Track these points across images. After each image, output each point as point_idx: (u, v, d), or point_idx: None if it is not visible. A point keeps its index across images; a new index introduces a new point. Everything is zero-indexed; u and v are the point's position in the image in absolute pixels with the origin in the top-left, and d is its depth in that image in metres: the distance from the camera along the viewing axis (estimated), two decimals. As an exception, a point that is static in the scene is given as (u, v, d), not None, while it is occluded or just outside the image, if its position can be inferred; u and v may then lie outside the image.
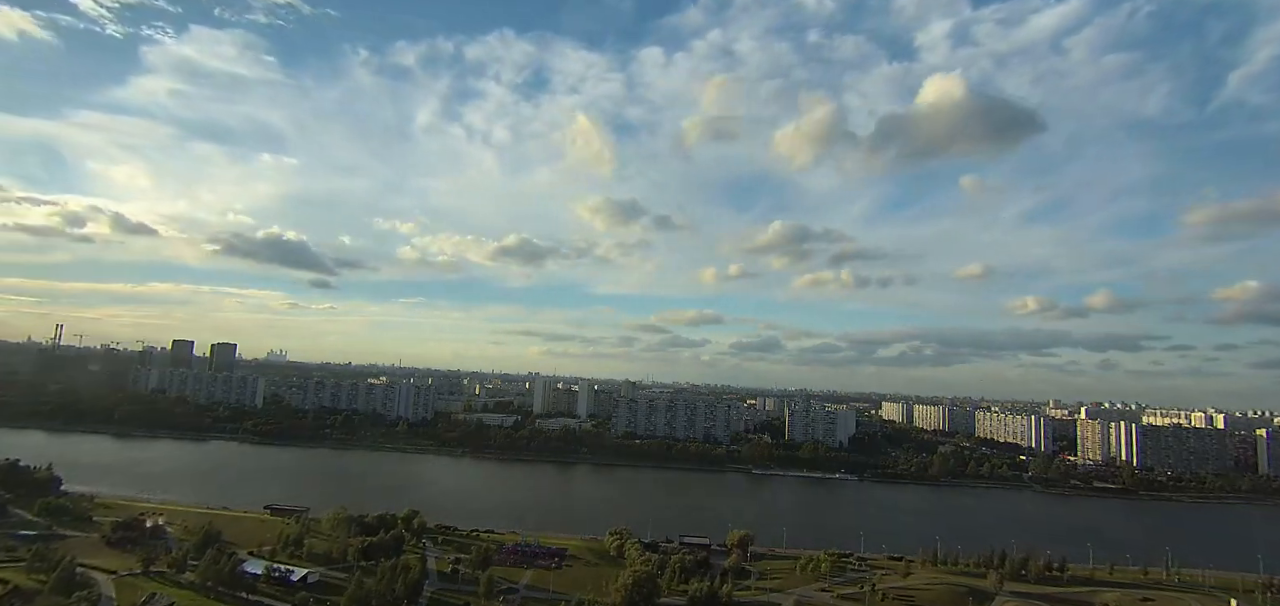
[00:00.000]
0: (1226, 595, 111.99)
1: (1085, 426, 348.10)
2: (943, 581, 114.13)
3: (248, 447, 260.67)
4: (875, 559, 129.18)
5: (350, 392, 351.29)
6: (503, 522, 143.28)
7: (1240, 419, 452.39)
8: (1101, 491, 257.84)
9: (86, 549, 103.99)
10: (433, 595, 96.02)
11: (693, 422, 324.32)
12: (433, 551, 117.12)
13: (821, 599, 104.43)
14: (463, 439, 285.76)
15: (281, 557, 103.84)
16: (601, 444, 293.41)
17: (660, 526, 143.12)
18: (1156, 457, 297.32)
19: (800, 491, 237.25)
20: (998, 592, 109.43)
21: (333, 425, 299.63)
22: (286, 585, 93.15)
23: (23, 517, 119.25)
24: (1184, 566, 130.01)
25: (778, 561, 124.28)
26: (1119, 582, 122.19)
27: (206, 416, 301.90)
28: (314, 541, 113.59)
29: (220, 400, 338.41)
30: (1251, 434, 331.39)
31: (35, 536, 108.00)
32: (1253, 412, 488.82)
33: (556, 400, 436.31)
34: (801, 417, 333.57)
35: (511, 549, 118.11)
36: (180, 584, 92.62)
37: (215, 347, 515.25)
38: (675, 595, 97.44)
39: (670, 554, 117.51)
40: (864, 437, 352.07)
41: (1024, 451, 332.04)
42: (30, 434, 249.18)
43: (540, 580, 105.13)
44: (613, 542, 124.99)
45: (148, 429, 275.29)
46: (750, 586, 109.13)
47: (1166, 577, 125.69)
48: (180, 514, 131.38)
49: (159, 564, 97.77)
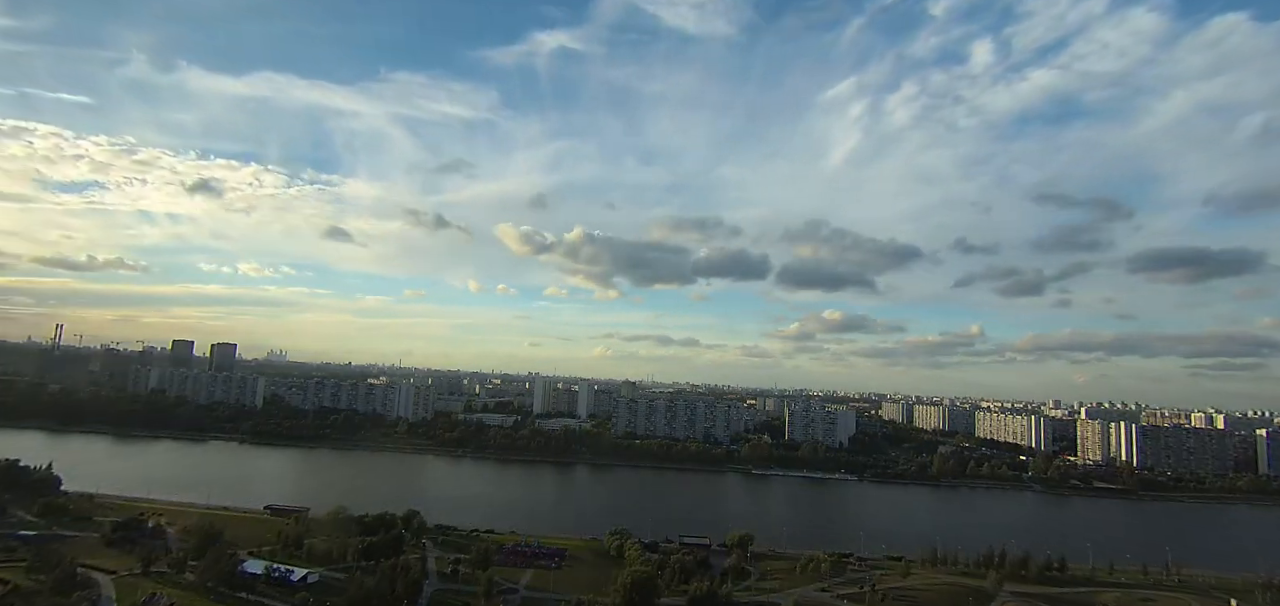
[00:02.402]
0: (1226, 595, 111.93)
1: (1085, 426, 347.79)
2: (942, 581, 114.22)
3: (248, 448, 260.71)
4: (875, 559, 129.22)
5: (350, 392, 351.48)
6: (503, 522, 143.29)
7: (1240, 419, 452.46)
8: (1101, 491, 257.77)
9: (86, 549, 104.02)
10: (433, 595, 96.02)
11: (692, 422, 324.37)
12: (433, 551, 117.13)
13: (821, 599, 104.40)
14: (463, 439, 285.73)
15: (281, 557, 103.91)
16: (601, 444, 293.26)
17: (660, 526, 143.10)
18: (1156, 457, 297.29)
19: (800, 491, 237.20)
20: (997, 592, 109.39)
21: (333, 425, 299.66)
22: (286, 585, 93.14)
23: (23, 517, 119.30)
24: (1184, 566, 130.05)
25: (778, 561, 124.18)
26: (1119, 582, 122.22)
27: (206, 416, 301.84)
28: (314, 541, 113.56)
29: (220, 400, 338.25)
30: (1251, 434, 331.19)
31: (35, 536, 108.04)
32: (1253, 412, 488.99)
33: (556, 400, 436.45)
34: (801, 417, 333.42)
35: (511, 549, 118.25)
36: (180, 584, 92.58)
37: (215, 347, 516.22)
38: (675, 595, 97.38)
39: (670, 554, 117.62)
40: (864, 437, 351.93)
41: (1024, 451, 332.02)
42: (30, 434, 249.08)
43: (540, 580, 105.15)
44: (612, 543, 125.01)
45: (148, 429, 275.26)
46: (750, 586, 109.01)
47: (1166, 577, 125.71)
48: (180, 514, 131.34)
49: (159, 564, 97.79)
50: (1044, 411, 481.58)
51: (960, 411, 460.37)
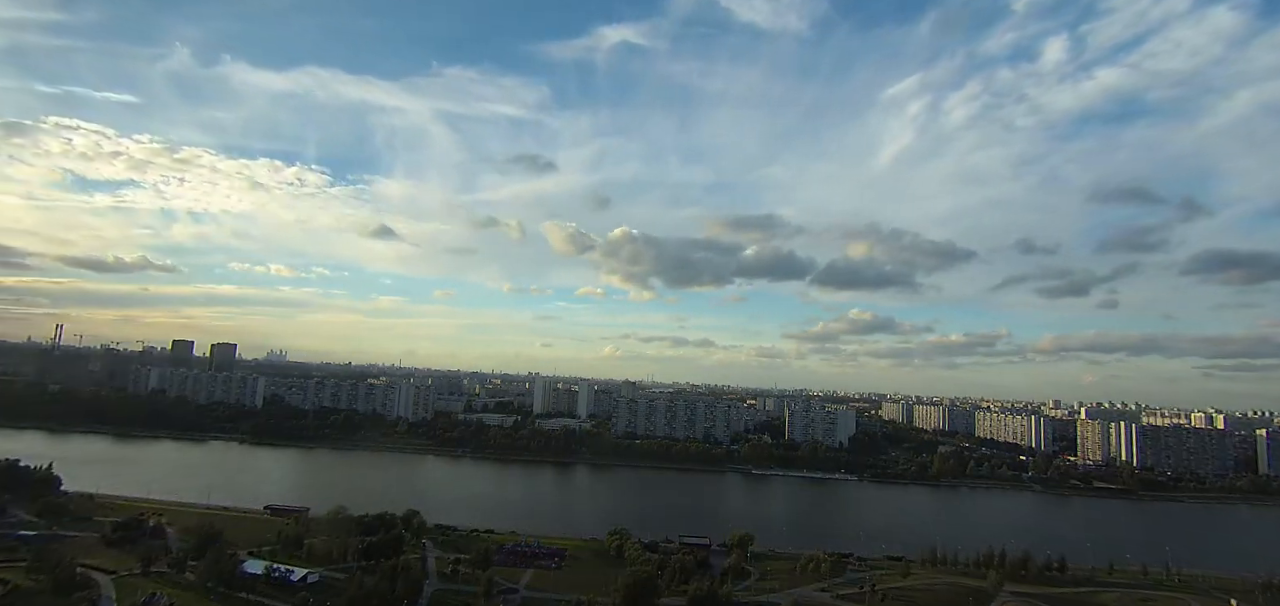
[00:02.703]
0: (1226, 595, 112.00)
1: (1085, 426, 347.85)
2: (942, 581, 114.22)
3: (247, 448, 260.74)
4: (875, 559, 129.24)
5: (350, 392, 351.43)
6: (503, 523, 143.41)
7: (1240, 419, 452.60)
8: (1101, 491, 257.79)
9: (86, 549, 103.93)
10: (433, 595, 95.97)
11: (692, 423, 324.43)
12: (432, 551, 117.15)
13: (821, 599, 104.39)
14: (462, 439, 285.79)
15: (281, 557, 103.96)
16: (601, 444, 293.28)
17: (660, 526, 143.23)
18: (1156, 457, 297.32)
19: (800, 491, 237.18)
20: (997, 593, 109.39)
21: (332, 425, 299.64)
22: (286, 585, 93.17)
23: (23, 517, 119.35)
24: (1184, 566, 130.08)
25: (778, 561, 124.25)
26: (1119, 582, 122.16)
27: (206, 416, 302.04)
28: (314, 541, 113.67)
29: (220, 400, 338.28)
30: (1251, 434, 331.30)
31: (35, 536, 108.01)
32: (1253, 412, 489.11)
33: (556, 400, 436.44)
34: (801, 418, 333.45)
35: (511, 549, 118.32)
36: (180, 584, 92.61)
37: (215, 347, 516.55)
38: (675, 595, 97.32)
39: (670, 554, 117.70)
40: (864, 437, 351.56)
41: (1024, 451, 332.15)
42: (30, 434, 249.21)
43: (540, 580, 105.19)
44: (612, 543, 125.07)
45: (148, 429, 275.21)
46: (750, 586, 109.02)
47: (1166, 577, 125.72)
48: (180, 514, 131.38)
49: (159, 564, 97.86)
50: (1044, 411, 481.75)
51: (960, 411, 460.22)
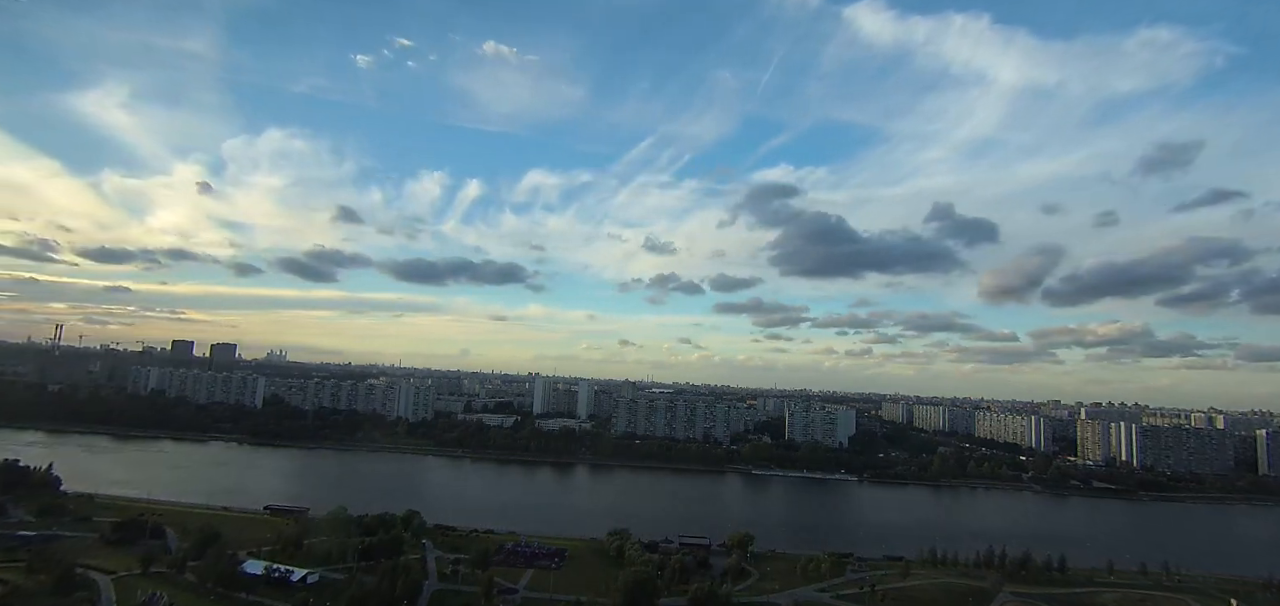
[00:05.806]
0: (1226, 595, 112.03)
1: (1085, 426, 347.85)
2: (942, 581, 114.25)
3: (247, 448, 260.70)
4: (875, 559, 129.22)
5: (350, 393, 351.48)
6: (502, 523, 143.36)
7: (1240, 419, 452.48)
8: (1101, 491, 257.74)
9: (86, 549, 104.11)
10: (433, 595, 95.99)
11: (693, 423, 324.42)
12: (432, 551, 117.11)
13: (821, 599, 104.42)
14: (462, 439, 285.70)
15: (281, 558, 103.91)
16: (601, 444, 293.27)
17: (660, 526, 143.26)
18: (1156, 457, 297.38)
19: (800, 491, 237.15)
20: (997, 593, 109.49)
21: (332, 425, 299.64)
22: (286, 585, 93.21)
23: (22, 517, 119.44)
24: (1184, 566, 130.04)
25: (778, 561, 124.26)
26: (1119, 583, 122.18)
27: (206, 416, 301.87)
28: (314, 541, 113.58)
29: (220, 400, 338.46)
30: (1251, 434, 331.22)
31: (35, 536, 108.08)
32: (1253, 412, 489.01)
33: (556, 400, 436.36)
34: (801, 418, 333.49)
35: (511, 549, 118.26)
36: (180, 584, 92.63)
37: (215, 348, 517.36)
38: (675, 595, 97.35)
39: (670, 554, 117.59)
40: (864, 438, 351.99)
41: (1024, 451, 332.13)
42: (30, 434, 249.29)
43: (540, 580, 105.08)
44: (612, 543, 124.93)
45: (148, 429, 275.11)
46: (750, 586, 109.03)
47: (1166, 578, 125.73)
48: (180, 514, 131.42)
49: (159, 564, 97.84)
50: (1044, 411, 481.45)
51: (960, 411, 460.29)
